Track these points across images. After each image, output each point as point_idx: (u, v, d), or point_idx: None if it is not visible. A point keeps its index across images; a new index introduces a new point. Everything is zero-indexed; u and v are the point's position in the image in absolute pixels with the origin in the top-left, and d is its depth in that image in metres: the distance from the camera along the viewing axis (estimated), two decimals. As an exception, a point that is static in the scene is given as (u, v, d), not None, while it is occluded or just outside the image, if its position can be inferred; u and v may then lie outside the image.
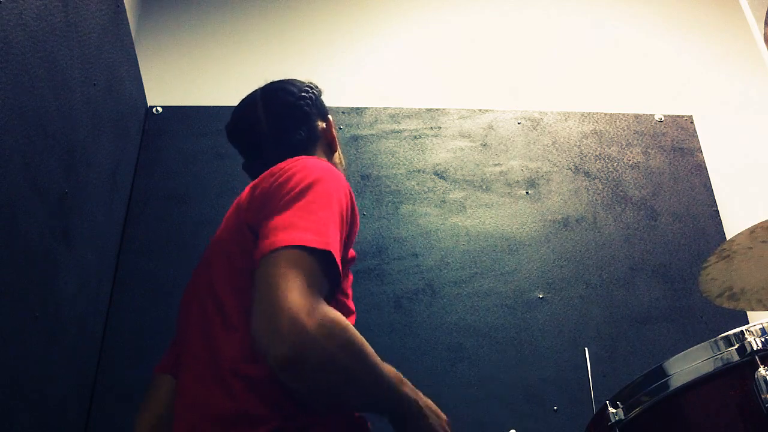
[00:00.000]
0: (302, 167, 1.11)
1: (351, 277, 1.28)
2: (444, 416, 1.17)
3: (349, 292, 1.22)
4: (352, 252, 1.21)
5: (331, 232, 1.02)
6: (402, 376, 1.10)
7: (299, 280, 0.94)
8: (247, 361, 1.03)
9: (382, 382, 1.02)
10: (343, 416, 1.09)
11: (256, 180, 1.17)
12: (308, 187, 1.06)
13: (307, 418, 1.01)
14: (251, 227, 1.10)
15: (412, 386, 1.12)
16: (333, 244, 1.00)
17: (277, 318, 0.90)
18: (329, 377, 0.94)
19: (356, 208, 1.17)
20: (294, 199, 1.05)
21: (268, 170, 1.16)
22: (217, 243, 1.19)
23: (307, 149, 1.34)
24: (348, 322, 0.97)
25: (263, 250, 0.98)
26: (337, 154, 1.43)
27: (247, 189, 1.17)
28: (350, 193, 1.16)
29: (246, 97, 1.41)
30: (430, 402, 1.16)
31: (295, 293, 0.92)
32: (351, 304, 1.20)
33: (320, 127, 1.39)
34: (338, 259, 1.01)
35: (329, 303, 0.99)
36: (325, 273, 0.99)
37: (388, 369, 1.06)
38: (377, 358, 1.01)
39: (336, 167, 1.39)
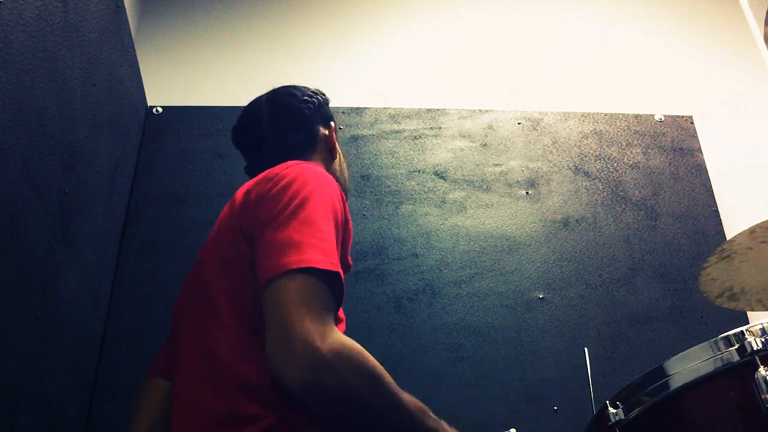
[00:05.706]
0: (298, 174, 1.12)
1: None
2: None
3: None
4: (348, 259, 1.21)
5: (334, 247, 1.03)
6: (425, 407, 1.06)
7: (311, 306, 0.95)
8: (241, 361, 1.03)
9: (401, 410, 1.00)
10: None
11: (250, 184, 1.17)
12: (307, 198, 1.06)
13: (300, 418, 1.01)
14: (245, 232, 1.10)
15: (434, 416, 1.09)
16: (338, 262, 1.01)
17: (291, 345, 0.91)
18: (345, 401, 0.95)
19: (348, 213, 1.18)
20: (293, 212, 1.04)
21: (262, 174, 1.16)
22: (211, 245, 1.19)
23: (305, 153, 1.34)
24: (360, 347, 0.98)
25: (271, 272, 0.98)
26: (337, 162, 1.43)
27: (240, 192, 1.17)
28: (342, 197, 1.16)
29: (253, 100, 1.43)
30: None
31: (307, 319, 0.93)
32: (340, 312, 1.20)
33: (321, 132, 1.39)
34: (342, 278, 1.02)
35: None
36: (333, 293, 1.00)
37: (409, 398, 1.03)
38: (394, 385, 1.00)
39: (335, 174, 1.40)
